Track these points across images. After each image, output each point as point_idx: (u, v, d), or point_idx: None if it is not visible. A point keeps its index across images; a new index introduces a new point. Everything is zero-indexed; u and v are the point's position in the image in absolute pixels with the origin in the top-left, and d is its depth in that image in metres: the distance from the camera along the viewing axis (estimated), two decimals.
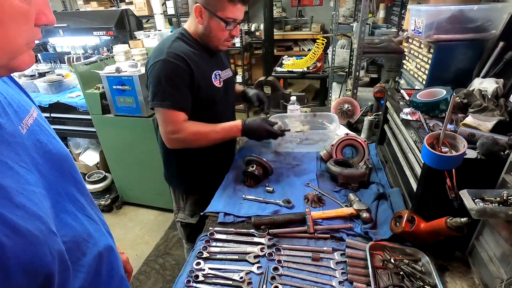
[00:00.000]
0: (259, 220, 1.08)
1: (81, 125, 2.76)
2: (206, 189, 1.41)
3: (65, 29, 2.96)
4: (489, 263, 0.82)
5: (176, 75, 1.21)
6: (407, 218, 0.91)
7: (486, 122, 0.98)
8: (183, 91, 1.24)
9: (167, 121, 1.26)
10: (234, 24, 1.26)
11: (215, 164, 1.51)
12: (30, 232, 0.45)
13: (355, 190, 1.24)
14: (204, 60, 1.32)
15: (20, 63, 0.47)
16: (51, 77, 2.97)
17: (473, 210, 0.70)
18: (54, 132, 0.65)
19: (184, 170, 1.52)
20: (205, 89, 1.31)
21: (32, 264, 0.45)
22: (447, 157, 0.80)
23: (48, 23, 0.48)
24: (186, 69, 1.22)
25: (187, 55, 1.24)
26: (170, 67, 1.20)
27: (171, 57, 1.20)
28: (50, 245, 0.49)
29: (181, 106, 1.25)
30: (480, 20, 1.24)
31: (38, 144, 0.56)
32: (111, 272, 0.71)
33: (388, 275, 0.87)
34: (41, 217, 0.49)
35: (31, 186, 0.50)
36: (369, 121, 1.61)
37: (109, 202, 2.96)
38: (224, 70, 1.45)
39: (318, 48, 3.15)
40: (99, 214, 0.73)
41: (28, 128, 0.55)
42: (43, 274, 0.47)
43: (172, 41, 1.27)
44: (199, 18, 1.25)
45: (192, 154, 1.43)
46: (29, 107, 0.60)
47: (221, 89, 1.40)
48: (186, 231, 1.67)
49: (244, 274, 0.91)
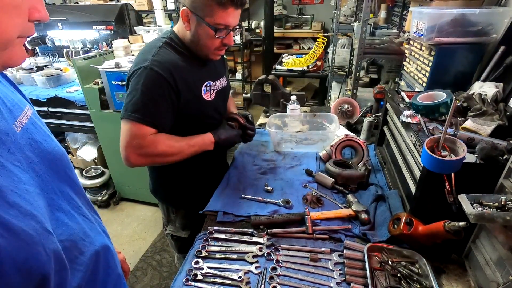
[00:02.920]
0: (258, 219, 1.09)
1: (79, 120, 2.74)
2: (198, 202, 1.25)
3: (64, 23, 2.93)
4: (485, 267, 0.83)
5: (157, 87, 1.07)
6: (405, 220, 0.92)
7: (485, 127, 0.99)
8: (161, 106, 1.09)
9: (134, 136, 1.08)
10: (226, 31, 1.10)
11: (206, 176, 1.39)
12: (24, 231, 0.45)
13: (354, 192, 1.24)
14: (194, 70, 1.18)
15: (11, 56, 0.47)
16: (49, 71, 2.94)
17: (472, 214, 0.70)
18: (49, 130, 0.65)
19: (173, 183, 1.39)
20: (193, 103, 1.18)
21: (26, 264, 0.45)
22: (447, 161, 0.80)
23: (40, 19, 0.48)
24: (171, 82, 1.08)
25: (174, 65, 1.10)
26: (152, 77, 1.06)
27: (155, 66, 1.06)
28: (45, 244, 0.48)
29: (153, 121, 1.08)
30: (482, 24, 1.24)
31: (33, 142, 0.56)
32: (108, 270, 0.71)
33: (385, 277, 0.88)
34: (36, 216, 0.48)
35: (25, 185, 0.49)
36: (368, 122, 1.62)
37: (106, 197, 2.95)
38: (218, 80, 1.31)
39: (319, 47, 3.15)
40: (93, 213, 0.73)
41: (22, 127, 0.55)
42: (39, 274, 0.47)
43: (159, 47, 1.12)
44: (187, 24, 1.10)
45: (182, 166, 1.26)
46: (23, 105, 0.59)
47: (212, 103, 1.26)
48: (177, 244, 1.53)
49: (243, 273, 0.91)
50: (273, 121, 1.63)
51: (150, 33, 2.81)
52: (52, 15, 3.01)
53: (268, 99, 2.00)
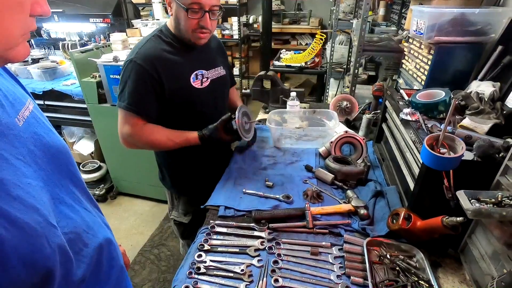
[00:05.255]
0: (260, 214, 1.10)
1: (76, 114, 2.72)
2: (198, 190, 1.37)
3: (60, 15, 2.88)
4: (480, 261, 0.86)
5: (140, 79, 1.17)
6: (404, 215, 0.94)
7: (483, 125, 1.01)
8: (146, 96, 1.20)
9: (124, 122, 1.23)
10: (200, 11, 1.13)
11: (207, 166, 1.47)
12: (27, 225, 0.46)
13: (353, 187, 1.27)
14: (184, 59, 1.26)
15: (15, 54, 0.47)
16: (45, 63, 2.90)
17: (469, 210, 0.73)
18: (50, 124, 0.65)
19: (174, 172, 1.51)
20: (181, 91, 1.26)
21: (31, 257, 0.46)
22: (446, 159, 0.82)
23: (43, 14, 0.48)
24: (153, 74, 1.17)
25: (158, 57, 1.19)
26: (135, 70, 1.17)
27: (138, 59, 1.16)
28: (48, 237, 0.49)
29: (140, 110, 1.20)
30: (481, 23, 1.26)
31: (35, 136, 0.56)
32: (112, 262, 0.72)
33: (384, 270, 0.91)
34: (39, 210, 0.49)
35: (28, 178, 0.50)
36: (367, 119, 1.64)
37: (103, 192, 2.94)
38: (213, 69, 1.36)
39: (317, 44, 3.15)
40: (94, 207, 0.73)
41: (24, 121, 0.55)
42: (44, 267, 0.48)
43: (147, 40, 1.23)
44: (169, 8, 1.19)
45: (183, 156, 1.40)
46: (25, 99, 0.59)
47: (204, 90, 1.32)
48: (179, 229, 1.66)
49: (245, 266, 0.93)
50: (273, 117, 1.65)
51: (148, 26, 2.79)
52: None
53: (267, 95, 2.00)
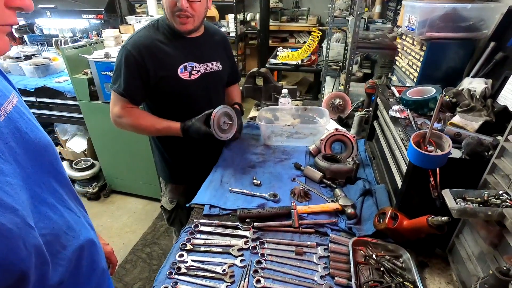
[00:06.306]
0: (245, 213, 1.08)
1: (68, 111, 2.69)
2: (184, 180, 1.52)
3: (53, 11, 2.85)
4: (467, 261, 0.84)
5: (128, 65, 1.25)
6: (391, 215, 0.92)
7: (473, 122, 0.99)
8: (133, 81, 1.27)
9: (114, 103, 1.33)
10: None
11: (195, 159, 1.53)
12: (3, 226, 0.44)
13: (342, 186, 1.24)
14: (175, 50, 1.29)
15: None
16: (37, 60, 2.86)
17: (454, 209, 0.70)
18: (35, 120, 0.62)
19: (163, 159, 1.59)
20: (167, 80, 1.30)
21: (6, 259, 0.44)
22: (432, 156, 0.80)
23: (22, 7, 0.45)
24: (139, 60, 1.24)
25: (148, 45, 1.25)
26: (125, 55, 1.25)
27: (129, 45, 1.24)
28: (25, 239, 0.47)
29: (127, 93, 1.28)
30: (473, 19, 1.23)
31: (17, 132, 0.53)
32: (92, 265, 0.70)
33: (369, 271, 0.88)
34: (17, 210, 0.47)
35: (6, 177, 0.47)
36: (359, 116, 1.61)
37: (96, 190, 2.92)
38: (206, 63, 1.37)
39: (313, 41, 3.12)
40: (79, 206, 0.71)
41: (6, 115, 0.52)
42: (18, 270, 0.46)
43: (143, 29, 1.30)
44: None
45: (172, 146, 1.49)
46: (9, 92, 0.56)
47: (192, 82, 1.34)
48: (165, 215, 1.76)
49: (227, 267, 0.91)
50: (264, 115, 1.62)
51: (142, 22, 2.76)
52: (40, 3, 2.93)
53: (260, 92, 1.98)
